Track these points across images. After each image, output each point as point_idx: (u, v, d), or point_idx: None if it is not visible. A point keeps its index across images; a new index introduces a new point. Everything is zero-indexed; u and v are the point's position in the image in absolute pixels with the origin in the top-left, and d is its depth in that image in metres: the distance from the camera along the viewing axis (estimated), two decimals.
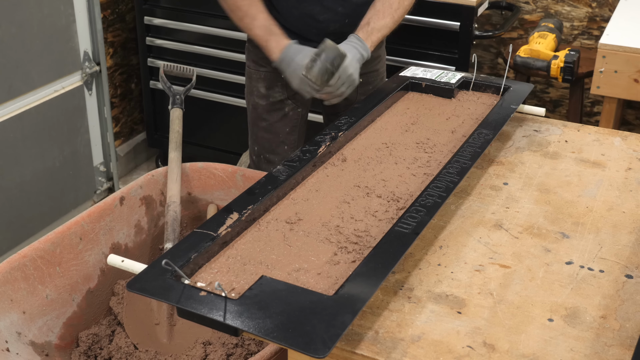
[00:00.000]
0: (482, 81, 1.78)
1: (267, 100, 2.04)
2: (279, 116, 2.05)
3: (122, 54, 3.36)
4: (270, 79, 2.02)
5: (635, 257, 1.24)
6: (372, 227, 1.26)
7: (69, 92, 2.80)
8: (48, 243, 1.67)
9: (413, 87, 1.79)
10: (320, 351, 0.95)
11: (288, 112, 2.05)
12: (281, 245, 1.22)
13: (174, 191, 1.89)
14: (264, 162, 2.10)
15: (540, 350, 1.04)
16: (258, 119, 2.08)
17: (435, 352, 1.04)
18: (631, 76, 2.37)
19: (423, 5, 2.68)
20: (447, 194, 1.30)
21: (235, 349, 1.70)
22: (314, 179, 1.42)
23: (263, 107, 2.05)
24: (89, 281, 1.78)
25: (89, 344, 1.72)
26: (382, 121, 1.65)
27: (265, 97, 2.04)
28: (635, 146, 1.61)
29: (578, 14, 3.10)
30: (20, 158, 2.63)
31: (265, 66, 2.01)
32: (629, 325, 1.09)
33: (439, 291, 1.16)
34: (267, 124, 2.06)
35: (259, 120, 2.08)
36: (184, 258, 1.13)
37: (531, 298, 1.14)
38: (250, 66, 2.06)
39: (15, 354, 1.54)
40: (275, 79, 2.01)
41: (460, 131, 1.60)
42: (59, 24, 2.71)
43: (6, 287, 1.57)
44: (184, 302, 1.04)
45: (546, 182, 1.47)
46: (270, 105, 2.04)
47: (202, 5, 3.05)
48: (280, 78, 1.99)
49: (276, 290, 1.07)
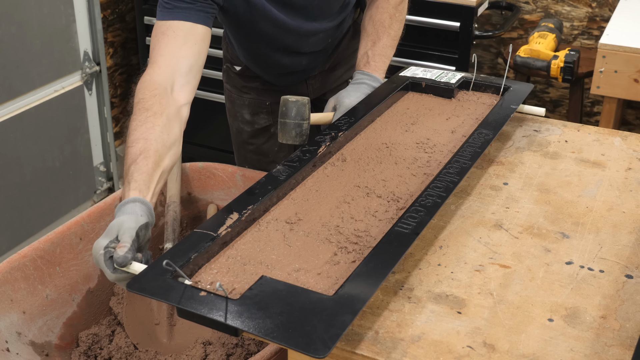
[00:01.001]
0: (482, 81, 1.78)
1: (252, 126, 1.97)
2: (265, 138, 1.98)
3: (122, 54, 3.36)
4: (255, 105, 1.95)
5: (635, 257, 1.24)
6: (372, 227, 1.26)
7: (69, 92, 2.81)
8: (48, 243, 1.67)
9: (413, 87, 1.79)
10: (321, 351, 0.95)
11: (275, 133, 1.94)
12: (281, 245, 1.22)
13: (174, 191, 1.89)
14: None
15: (540, 350, 1.04)
16: (244, 143, 2.01)
17: (435, 352, 1.04)
18: (631, 76, 2.37)
19: (423, 5, 2.68)
20: (447, 194, 1.30)
21: (235, 349, 1.70)
22: (314, 179, 1.42)
23: (248, 133, 1.98)
24: (89, 281, 1.78)
25: (89, 344, 1.72)
26: (382, 121, 1.65)
27: (250, 123, 1.96)
28: (635, 146, 1.61)
29: (578, 14, 3.10)
30: (20, 158, 2.63)
31: (249, 93, 1.94)
32: (629, 325, 1.09)
33: (439, 291, 1.16)
34: (254, 147, 1.99)
35: (245, 144, 2.01)
36: (184, 258, 1.13)
37: (531, 298, 1.14)
38: (232, 91, 1.98)
39: (15, 354, 1.54)
40: (260, 105, 1.94)
41: (460, 131, 1.60)
42: (59, 24, 2.71)
43: (6, 287, 1.57)
44: (184, 303, 1.04)
45: (546, 182, 1.47)
46: (255, 131, 1.97)
47: None
48: (265, 104, 1.93)
49: (276, 291, 1.07)
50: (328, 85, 1.99)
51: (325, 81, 1.98)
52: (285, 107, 1.58)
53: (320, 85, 1.98)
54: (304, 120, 1.58)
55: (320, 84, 1.97)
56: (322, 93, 1.99)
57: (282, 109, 1.58)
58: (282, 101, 1.59)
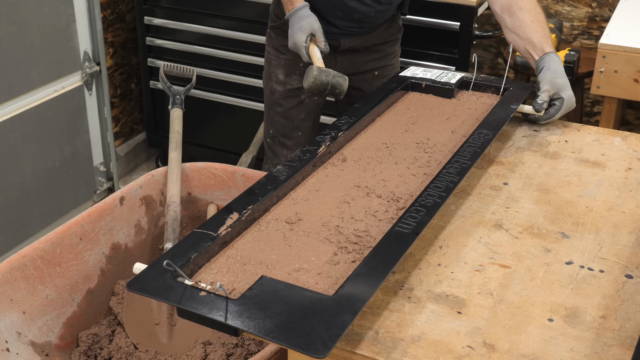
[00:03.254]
0: (482, 81, 1.78)
1: (284, 87, 2.06)
2: (295, 102, 2.06)
3: (122, 54, 3.36)
4: (290, 66, 2.04)
5: (635, 257, 1.24)
6: (372, 227, 1.26)
7: (69, 92, 2.80)
8: (48, 243, 1.68)
9: (413, 87, 1.79)
10: (321, 351, 0.95)
11: (304, 100, 2.06)
12: (281, 245, 1.22)
13: (174, 191, 1.89)
14: (277, 145, 2.11)
15: (540, 350, 1.04)
16: (274, 104, 2.10)
17: (435, 352, 1.04)
18: (631, 76, 2.37)
19: (423, 5, 2.68)
20: (447, 194, 1.30)
21: (235, 349, 1.70)
22: (314, 179, 1.42)
23: (280, 93, 2.07)
24: (89, 281, 1.78)
25: (89, 344, 1.72)
26: (382, 121, 1.65)
27: (283, 83, 2.05)
28: (635, 146, 1.61)
29: (578, 14, 3.10)
30: (20, 158, 2.63)
31: (285, 53, 2.02)
32: (629, 325, 1.09)
33: (439, 291, 1.16)
34: (283, 109, 2.08)
35: (275, 105, 2.10)
36: (184, 258, 1.13)
37: (531, 298, 1.14)
38: (271, 52, 2.08)
39: (15, 354, 1.54)
40: (294, 66, 2.03)
41: (460, 131, 1.60)
42: (59, 24, 2.71)
43: (6, 287, 1.57)
44: (185, 303, 1.04)
45: (546, 182, 1.47)
46: (287, 92, 2.06)
47: (202, 5, 3.05)
48: (299, 66, 2.01)
49: (276, 290, 1.07)
50: (354, 68, 2.06)
51: (354, 62, 2.05)
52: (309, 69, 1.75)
53: (348, 64, 2.05)
54: (329, 72, 1.75)
55: (348, 64, 2.05)
56: (348, 74, 2.05)
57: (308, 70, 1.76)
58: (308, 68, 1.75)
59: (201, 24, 3.09)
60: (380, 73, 2.08)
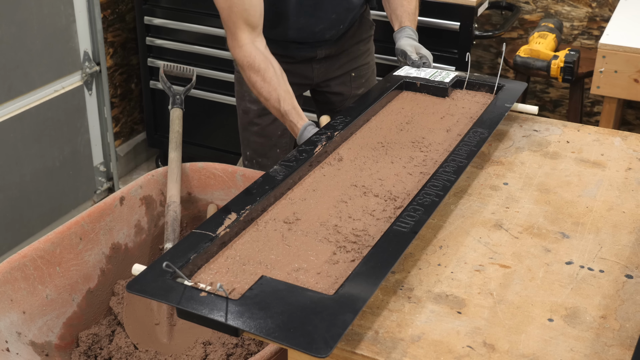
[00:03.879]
0: (476, 80, 1.79)
1: (258, 105, 2.03)
2: (271, 119, 2.04)
3: (122, 54, 3.36)
4: None
5: (635, 257, 1.24)
6: (370, 226, 1.26)
7: (69, 92, 2.80)
8: (48, 243, 1.68)
9: (407, 86, 1.79)
10: (322, 351, 0.95)
11: None
12: (280, 245, 1.22)
13: (174, 191, 1.89)
14: (256, 167, 2.10)
15: (540, 350, 1.04)
16: (249, 124, 2.08)
17: (435, 352, 1.04)
18: (631, 76, 2.37)
19: (423, 5, 2.68)
20: (444, 193, 1.30)
21: (235, 349, 1.70)
22: (311, 178, 1.42)
23: (255, 112, 2.05)
24: (89, 281, 1.78)
25: (89, 344, 1.72)
26: (377, 120, 1.65)
27: (257, 101, 2.02)
28: (635, 146, 1.61)
29: (578, 14, 3.10)
30: (20, 158, 2.63)
31: None
32: (629, 325, 1.09)
33: (439, 291, 1.16)
34: (258, 127, 2.07)
35: (250, 125, 2.08)
36: (183, 259, 1.13)
37: (531, 298, 1.14)
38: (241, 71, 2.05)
39: (15, 354, 1.54)
40: None
41: (455, 130, 1.60)
42: (59, 24, 2.71)
43: (6, 287, 1.57)
44: (185, 303, 1.04)
45: (546, 182, 1.47)
46: (262, 109, 2.03)
47: (202, 5, 3.05)
48: None
49: (276, 290, 1.07)
50: (331, 73, 2.08)
51: (330, 67, 2.06)
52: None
53: (325, 70, 2.06)
54: None
55: (325, 69, 2.06)
56: (325, 79, 2.08)
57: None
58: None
59: (201, 24, 3.09)
60: (357, 73, 2.08)
